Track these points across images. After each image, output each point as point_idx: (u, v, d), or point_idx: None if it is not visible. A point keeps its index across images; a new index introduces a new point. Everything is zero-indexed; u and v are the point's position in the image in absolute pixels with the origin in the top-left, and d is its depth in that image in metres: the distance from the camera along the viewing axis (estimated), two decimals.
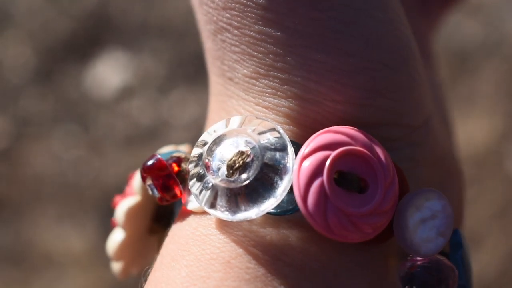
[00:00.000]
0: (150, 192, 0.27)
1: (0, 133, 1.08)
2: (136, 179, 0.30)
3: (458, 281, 0.25)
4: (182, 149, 0.30)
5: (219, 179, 0.24)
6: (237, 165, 0.24)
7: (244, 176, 0.24)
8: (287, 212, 0.25)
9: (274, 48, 0.26)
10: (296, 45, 0.25)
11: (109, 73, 1.13)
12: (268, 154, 0.24)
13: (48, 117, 1.09)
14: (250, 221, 0.25)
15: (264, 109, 0.26)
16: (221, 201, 0.24)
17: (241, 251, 0.24)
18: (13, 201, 1.03)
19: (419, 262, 0.25)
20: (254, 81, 0.26)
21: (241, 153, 0.24)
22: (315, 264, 0.24)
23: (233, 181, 0.24)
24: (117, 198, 0.31)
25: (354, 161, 0.24)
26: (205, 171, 0.25)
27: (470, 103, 1.05)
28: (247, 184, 0.24)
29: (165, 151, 0.29)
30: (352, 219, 0.24)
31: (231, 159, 0.24)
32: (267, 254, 0.24)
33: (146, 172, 0.26)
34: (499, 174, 1.00)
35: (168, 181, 0.26)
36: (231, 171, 0.24)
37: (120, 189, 1.10)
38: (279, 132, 0.25)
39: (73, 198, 1.02)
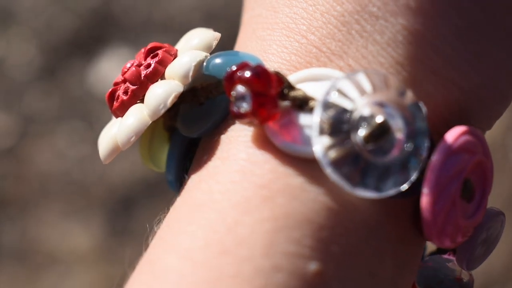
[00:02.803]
0: (234, 107, 0.22)
1: (5, 131, 1.08)
2: (185, 63, 0.24)
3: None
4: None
5: (357, 142, 0.21)
6: (383, 138, 0.21)
7: (389, 152, 0.21)
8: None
9: (463, 23, 0.22)
10: (485, 35, 0.23)
11: (113, 69, 1.12)
12: (419, 138, 0.21)
13: (53, 115, 1.09)
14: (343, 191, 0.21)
15: (410, 79, 0.22)
16: (348, 166, 0.21)
17: (335, 222, 0.21)
18: (19, 199, 1.03)
19: (455, 273, 0.24)
20: (413, 38, 0.22)
21: (385, 125, 0.21)
22: (387, 254, 0.22)
23: (373, 152, 0.21)
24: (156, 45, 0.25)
25: (474, 169, 0.23)
26: (351, 128, 0.21)
27: None
28: (387, 162, 0.21)
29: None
30: (458, 228, 0.22)
31: (377, 127, 0.21)
32: (357, 232, 0.21)
33: (246, 82, 0.22)
34: (505, 167, 0.99)
35: (263, 102, 0.22)
36: (371, 139, 0.21)
37: (125, 186, 1.09)
38: (423, 113, 0.22)
39: (79, 196, 1.02)
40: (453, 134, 0.22)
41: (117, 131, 0.24)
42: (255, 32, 0.25)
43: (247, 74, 0.22)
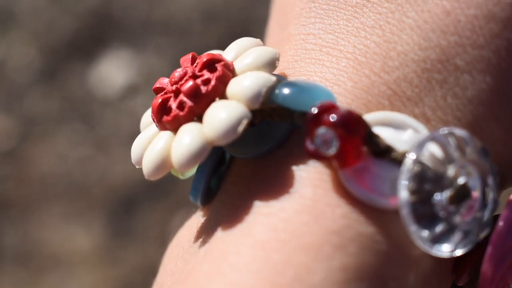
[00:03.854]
0: (310, 145, 0.21)
1: (6, 133, 1.08)
2: (253, 86, 0.21)
3: None
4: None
5: (440, 202, 0.21)
6: (465, 201, 0.21)
7: (467, 213, 0.21)
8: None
9: None
10: None
11: (113, 71, 1.12)
12: (494, 202, 0.21)
13: (54, 116, 1.09)
14: (405, 240, 0.21)
15: (485, 138, 0.22)
16: (428, 224, 0.21)
17: (401, 275, 0.21)
18: (20, 201, 1.03)
19: None
20: (497, 98, 0.21)
21: (467, 188, 0.21)
22: None
23: (452, 213, 0.21)
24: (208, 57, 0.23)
25: None
26: (434, 187, 0.21)
27: None
28: (462, 223, 0.21)
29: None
30: (506, 283, 0.22)
31: (460, 189, 0.21)
32: (417, 284, 0.21)
33: (334, 127, 0.20)
34: None
35: (349, 147, 0.20)
36: (454, 201, 0.21)
37: (126, 187, 1.09)
38: (497, 176, 0.21)
39: (80, 197, 1.02)
40: None
41: (167, 147, 0.22)
42: (310, 53, 0.23)
43: (334, 118, 0.20)
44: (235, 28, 1.11)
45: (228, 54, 0.23)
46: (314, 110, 0.21)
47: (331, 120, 0.20)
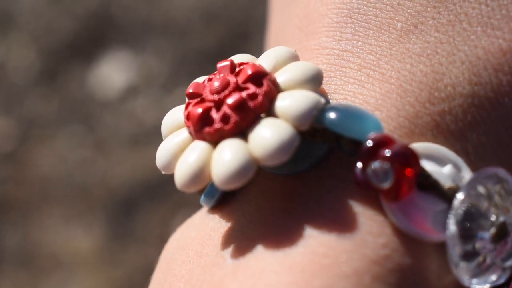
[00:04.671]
0: (360, 173, 0.20)
1: (6, 135, 1.08)
2: (303, 108, 0.21)
3: None
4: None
5: (483, 239, 0.21)
6: (505, 238, 0.21)
7: (506, 248, 0.21)
8: None
9: None
10: None
11: (113, 72, 1.13)
12: None
13: (53, 118, 1.09)
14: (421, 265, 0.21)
15: None
16: (470, 260, 0.21)
17: None
18: (20, 202, 1.03)
19: None
20: None
21: (506, 226, 0.21)
22: None
23: (493, 251, 0.21)
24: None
25: None
26: (477, 225, 0.21)
27: None
28: (498, 258, 0.21)
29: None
30: None
31: (501, 227, 0.21)
32: None
33: (391, 161, 0.20)
34: None
35: (404, 181, 0.20)
36: (496, 239, 0.21)
37: (126, 189, 1.08)
38: None
39: (80, 199, 1.02)
40: None
41: (206, 160, 0.21)
42: (346, 72, 0.22)
43: (390, 153, 0.20)
44: (235, 29, 1.11)
45: (264, 62, 0.23)
46: (369, 143, 0.20)
47: (388, 155, 0.20)
